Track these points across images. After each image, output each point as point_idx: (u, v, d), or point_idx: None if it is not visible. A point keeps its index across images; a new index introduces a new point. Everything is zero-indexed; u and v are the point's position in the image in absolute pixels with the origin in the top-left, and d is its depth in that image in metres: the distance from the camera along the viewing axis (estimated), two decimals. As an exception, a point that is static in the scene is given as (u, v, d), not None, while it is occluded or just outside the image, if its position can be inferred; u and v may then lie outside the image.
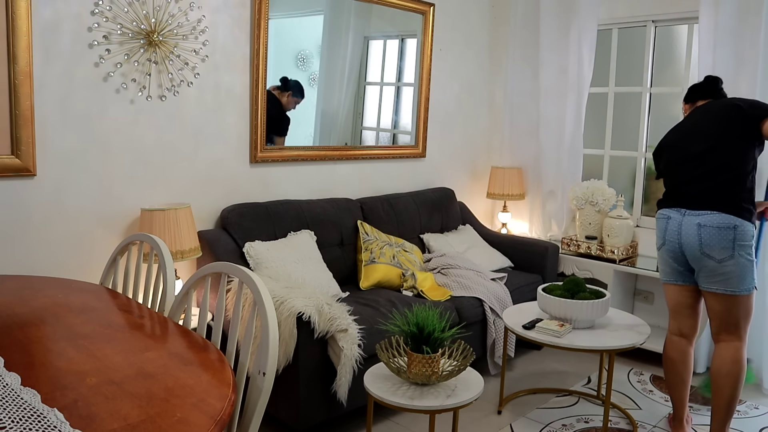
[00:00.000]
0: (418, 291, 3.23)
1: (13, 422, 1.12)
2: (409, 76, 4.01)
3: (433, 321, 2.22)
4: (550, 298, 2.83)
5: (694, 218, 2.52)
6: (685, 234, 2.54)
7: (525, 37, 4.27)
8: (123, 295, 2.04)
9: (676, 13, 3.71)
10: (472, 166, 4.53)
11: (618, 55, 4.02)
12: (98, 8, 2.53)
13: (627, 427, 2.88)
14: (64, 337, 1.58)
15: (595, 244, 3.81)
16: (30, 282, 2.08)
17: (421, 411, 2.13)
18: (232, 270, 1.73)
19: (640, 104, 3.95)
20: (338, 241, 3.34)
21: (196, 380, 1.37)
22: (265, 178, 3.26)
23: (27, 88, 2.37)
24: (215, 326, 1.74)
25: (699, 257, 2.52)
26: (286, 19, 3.28)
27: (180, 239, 2.61)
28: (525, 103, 4.33)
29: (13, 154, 2.39)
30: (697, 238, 2.50)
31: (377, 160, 3.85)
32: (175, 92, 2.84)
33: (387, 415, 2.88)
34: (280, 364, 2.44)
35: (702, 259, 2.51)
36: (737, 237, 2.45)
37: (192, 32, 2.83)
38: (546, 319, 2.85)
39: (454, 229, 4.03)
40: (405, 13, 3.83)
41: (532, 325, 2.82)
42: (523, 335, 2.79)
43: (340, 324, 2.50)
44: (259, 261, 2.87)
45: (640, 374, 3.48)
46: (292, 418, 2.53)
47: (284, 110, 3.33)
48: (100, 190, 2.67)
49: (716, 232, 2.46)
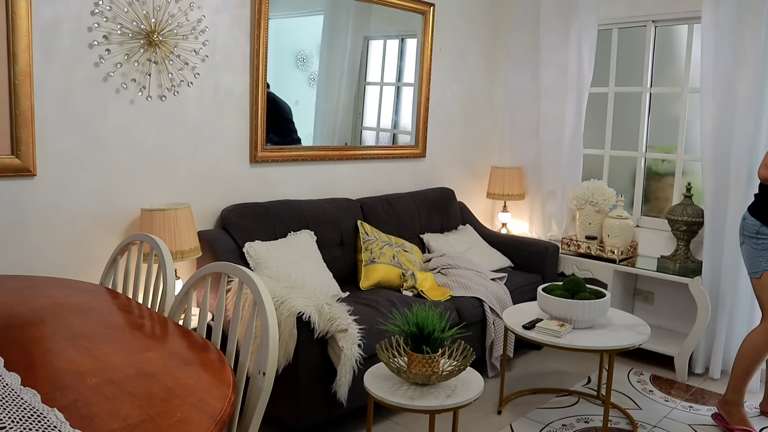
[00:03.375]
0: (418, 291, 3.23)
1: (13, 422, 1.11)
2: (409, 76, 4.01)
3: (433, 321, 2.22)
4: (550, 298, 2.83)
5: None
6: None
7: (525, 37, 4.27)
8: (123, 295, 2.04)
9: (677, 13, 3.71)
10: (472, 166, 4.53)
11: (618, 55, 4.02)
12: (98, 8, 2.53)
13: (627, 427, 2.88)
14: (64, 337, 1.57)
15: (595, 244, 3.81)
16: (30, 282, 2.08)
17: (421, 411, 2.13)
18: (232, 270, 1.73)
19: (640, 104, 3.95)
20: (338, 241, 3.34)
21: (196, 380, 1.37)
22: (265, 178, 3.26)
23: (27, 88, 2.37)
24: (215, 326, 1.74)
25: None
26: (286, 19, 3.28)
27: (180, 239, 2.61)
28: (525, 103, 4.33)
29: (13, 154, 2.39)
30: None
31: (377, 160, 3.84)
32: (175, 92, 2.84)
33: (387, 415, 2.88)
34: (280, 364, 2.44)
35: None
36: (742, 228, 2.80)
37: (192, 32, 2.83)
38: (546, 319, 2.85)
39: (454, 229, 4.03)
40: (405, 13, 3.82)
41: (532, 325, 2.82)
42: (523, 335, 2.79)
43: (340, 324, 2.50)
44: (259, 261, 2.87)
45: (640, 374, 3.47)
46: (292, 418, 2.53)
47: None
48: (100, 190, 2.67)
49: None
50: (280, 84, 3.29)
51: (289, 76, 3.37)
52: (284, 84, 3.34)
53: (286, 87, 3.36)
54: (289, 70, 3.36)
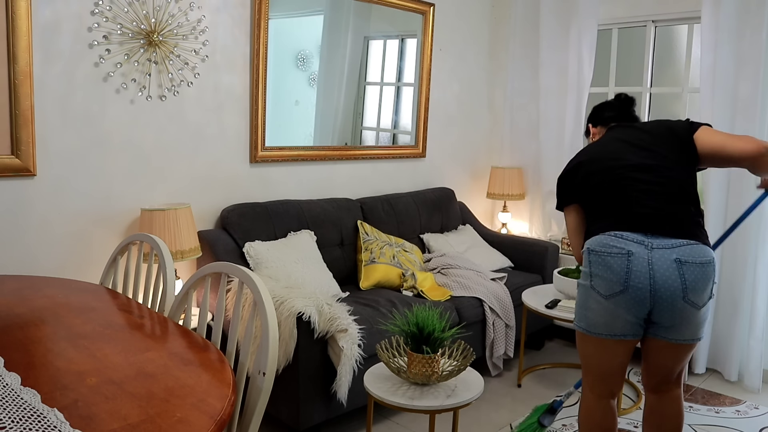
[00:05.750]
0: (418, 291, 3.23)
1: (13, 422, 1.11)
2: (409, 76, 4.01)
3: (433, 321, 2.22)
4: (567, 279, 3.09)
5: (668, 252, 1.93)
6: (660, 275, 1.91)
7: (525, 37, 4.27)
8: (123, 295, 2.04)
9: (677, 13, 3.71)
10: (472, 166, 4.52)
11: (618, 55, 4.02)
12: (98, 8, 2.53)
13: (627, 426, 2.88)
14: (64, 337, 1.57)
15: (595, 244, 3.81)
16: (30, 282, 2.08)
17: (421, 411, 2.13)
18: (232, 270, 1.73)
19: (640, 104, 3.95)
20: (338, 241, 3.34)
21: (196, 380, 1.37)
22: (265, 178, 3.26)
23: (27, 88, 2.37)
24: (215, 326, 1.74)
25: (679, 305, 1.92)
26: (286, 19, 3.28)
27: (180, 239, 2.61)
28: (525, 103, 4.33)
29: (13, 154, 2.39)
30: (679, 280, 1.91)
31: (377, 160, 3.84)
32: (175, 92, 2.84)
33: (387, 415, 2.88)
34: (280, 364, 2.44)
35: (683, 307, 1.92)
36: (713, 274, 1.96)
37: (192, 32, 2.83)
38: (564, 300, 3.10)
39: (454, 229, 4.03)
40: (405, 13, 3.82)
41: (554, 304, 3.06)
42: (547, 314, 3.04)
43: (340, 324, 2.49)
44: (259, 261, 2.87)
45: (640, 374, 3.47)
46: (292, 418, 2.53)
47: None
48: (100, 190, 2.66)
49: (700, 269, 1.92)
50: (280, 84, 3.30)
51: (289, 76, 3.37)
52: (284, 84, 3.34)
53: (286, 87, 3.36)
54: (289, 70, 3.36)
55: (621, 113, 2.38)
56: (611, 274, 1.95)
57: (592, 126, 2.47)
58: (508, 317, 3.31)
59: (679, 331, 1.96)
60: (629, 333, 2.00)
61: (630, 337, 2.01)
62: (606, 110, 2.41)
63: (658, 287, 1.90)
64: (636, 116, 2.40)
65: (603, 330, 2.01)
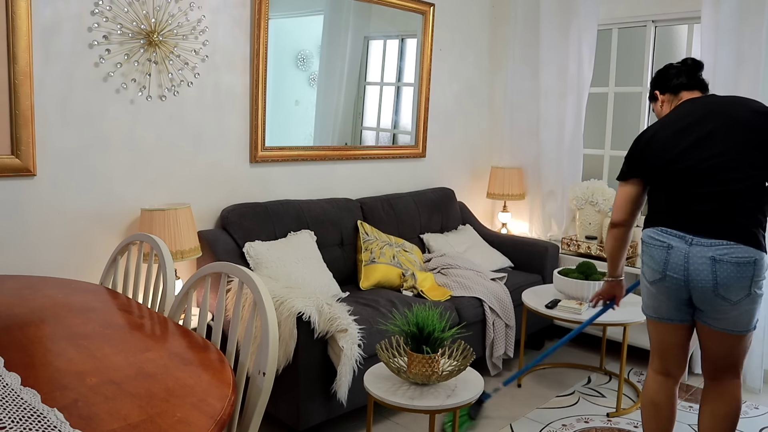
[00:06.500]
0: (418, 291, 3.23)
1: (13, 422, 1.11)
2: (409, 76, 4.01)
3: (433, 321, 2.22)
4: (567, 279, 3.10)
5: (706, 250, 2.03)
6: (694, 268, 2.05)
7: (525, 37, 4.26)
8: (123, 295, 2.04)
9: (677, 13, 3.71)
10: (472, 166, 4.52)
11: (618, 55, 4.02)
12: (98, 8, 2.53)
13: (627, 427, 2.88)
14: (64, 337, 1.57)
15: (595, 244, 3.81)
16: (30, 282, 2.08)
17: (421, 411, 2.13)
18: (232, 270, 1.73)
19: (640, 104, 3.95)
20: (338, 241, 3.34)
21: (196, 380, 1.37)
22: (265, 178, 3.26)
23: (27, 88, 2.37)
24: (215, 326, 1.74)
25: (710, 297, 2.05)
26: (286, 19, 3.28)
27: (180, 239, 2.61)
28: (525, 103, 4.33)
29: (13, 154, 2.39)
30: (710, 276, 2.02)
31: (377, 160, 3.84)
32: (175, 92, 2.84)
33: (387, 415, 2.88)
34: (280, 364, 2.44)
35: (714, 300, 2.05)
36: (756, 273, 2.02)
37: (192, 32, 2.83)
38: (564, 300, 3.10)
39: (454, 229, 4.03)
40: (405, 13, 3.82)
41: (554, 304, 3.05)
42: (547, 314, 3.04)
43: (340, 324, 2.49)
44: (259, 261, 2.87)
45: (640, 374, 3.47)
46: (292, 418, 2.53)
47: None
48: (100, 190, 2.66)
49: (735, 268, 2.00)
50: (280, 84, 3.30)
51: (289, 76, 3.37)
52: (284, 84, 3.34)
53: (286, 87, 3.36)
54: (289, 70, 3.36)
55: (691, 80, 2.30)
56: (653, 263, 2.17)
57: (660, 93, 2.38)
58: (508, 317, 3.32)
59: (719, 320, 2.09)
60: (675, 318, 2.20)
61: (677, 321, 2.20)
62: (674, 77, 2.32)
63: (691, 279, 2.07)
64: (706, 83, 2.33)
65: (652, 312, 2.26)
